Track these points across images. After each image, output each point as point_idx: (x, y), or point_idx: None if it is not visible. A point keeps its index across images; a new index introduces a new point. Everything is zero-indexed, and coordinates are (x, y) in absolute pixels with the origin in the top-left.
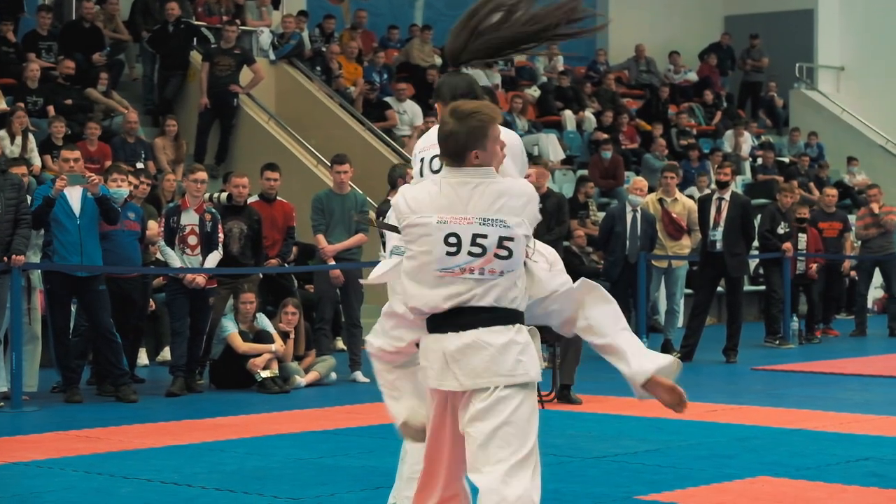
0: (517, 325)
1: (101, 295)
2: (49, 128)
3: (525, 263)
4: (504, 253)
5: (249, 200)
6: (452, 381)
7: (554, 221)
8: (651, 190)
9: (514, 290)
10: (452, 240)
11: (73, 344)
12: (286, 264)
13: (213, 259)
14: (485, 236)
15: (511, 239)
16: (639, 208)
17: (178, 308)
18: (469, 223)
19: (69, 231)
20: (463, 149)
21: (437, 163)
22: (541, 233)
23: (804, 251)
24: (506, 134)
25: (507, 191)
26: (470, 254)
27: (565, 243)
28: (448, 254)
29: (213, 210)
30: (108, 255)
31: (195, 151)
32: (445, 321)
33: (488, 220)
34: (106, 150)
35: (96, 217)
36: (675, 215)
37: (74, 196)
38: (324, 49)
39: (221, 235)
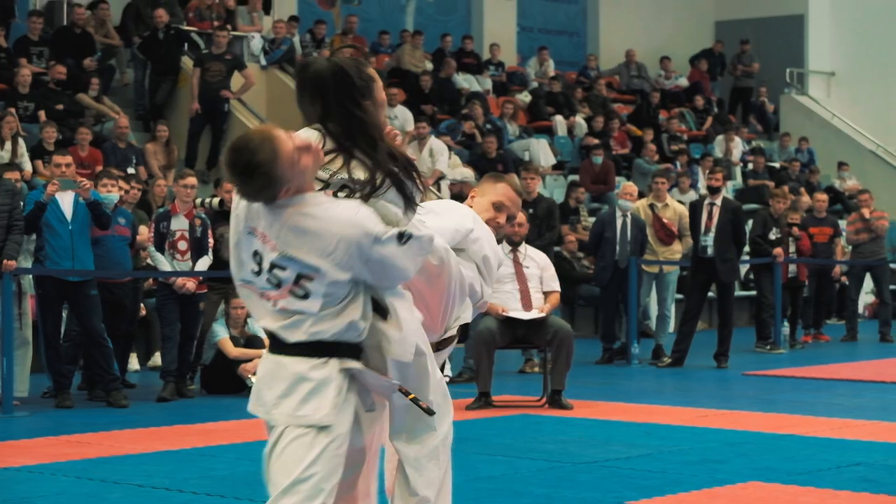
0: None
1: (92, 300)
2: (41, 133)
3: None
4: (300, 292)
5: None
6: None
7: (545, 227)
8: (641, 195)
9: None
10: (257, 258)
11: (65, 349)
12: None
13: (204, 264)
14: (283, 268)
15: (311, 279)
16: (629, 213)
17: (168, 313)
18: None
19: (61, 236)
20: (271, 198)
21: None
22: (531, 238)
23: (794, 256)
24: None
25: (315, 230)
26: (268, 281)
27: (556, 248)
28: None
29: (204, 216)
30: (98, 261)
31: (186, 157)
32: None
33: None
34: (97, 155)
35: (88, 222)
36: (665, 220)
37: (66, 201)
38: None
39: (211, 241)
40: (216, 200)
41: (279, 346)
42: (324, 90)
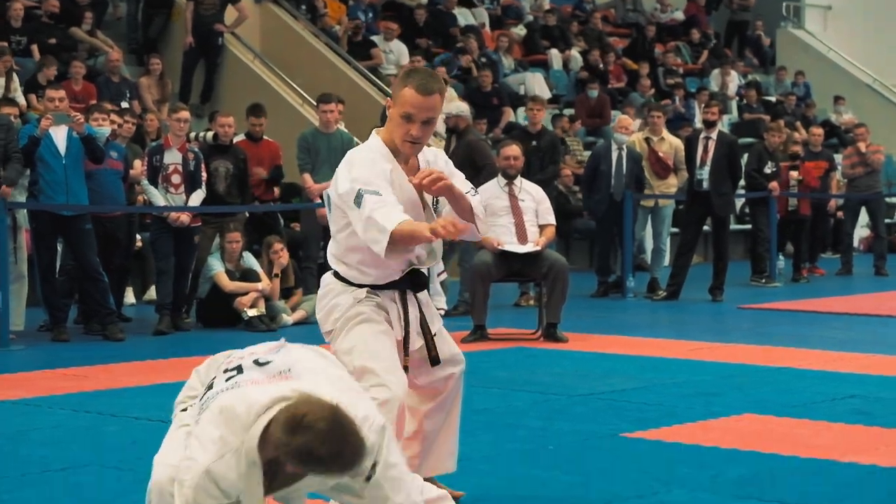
0: None
1: (86, 234)
2: (40, 69)
3: None
4: None
5: (235, 139)
6: None
7: (547, 160)
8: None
9: None
10: None
11: (60, 283)
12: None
13: (198, 198)
14: None
15: None
16: (624, 147)
17: (162, 247)
18: None
19: (54, 170)
20: None
21: None
22: (534, 171)
23: (796, 189)
24: None
25: None
26: None
27: None
28: None
29: (197, 149)
30: (91, 195)
31: (180, 91)
32: None
33: None
34: (91, 89)
35: (81, 156)
36: (661, 154)
37: (59, 135)
38: None
39: (205, 175)
40: (210, 134)
41: None
42: None
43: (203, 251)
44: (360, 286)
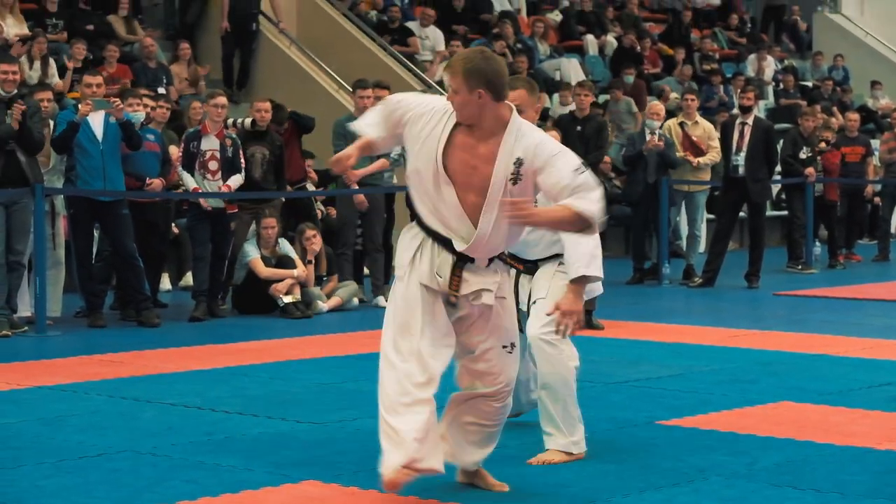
0: None
1: (124, 219)
2: (70, 50)
3: None
4: None
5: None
6: None
7: (592, 145)
8: (671, 115)
9: None
10: None
11: (97, 269)
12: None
13: (236, 181)
14: None
15: None
16: (657, 132)
17: (199, 233)
18: None
19: (92, 156)
20: None
21: None
22: (579, 156)
23: (821, 175)
24: None
25: None
26: None
27: None
28: None
29: (234, 136)
30: (127, 177)
31: (223, 77)
32: None
33: None
34: (124, 70)
35: (118, 142)
36: (695, 138)
37: (96, 121)
38: None
39: (243, 161)
40: (248, 121)
41: None
42: None
43: (239, 238)
44: None
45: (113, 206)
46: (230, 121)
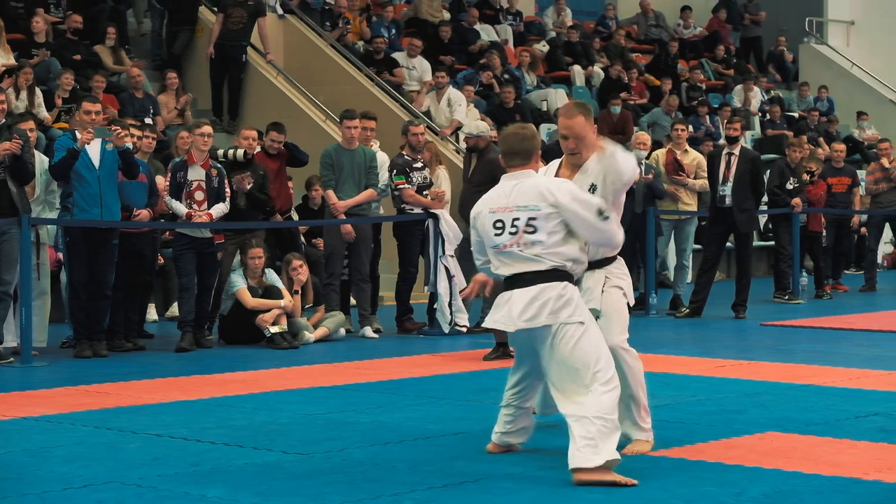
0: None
1: (112, 249)
2: (58, 80)
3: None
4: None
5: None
6: None
7: None
8: (659, 145)
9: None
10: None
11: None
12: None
13: (219, 210)
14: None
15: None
16: (643, 162)
17: (185, 264)
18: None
19: (89, 183)
20: None
21: None
22: None
23: (806, 205)
24: None
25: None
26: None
27: None
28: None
29: (220, 165)
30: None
31: (212, 107)
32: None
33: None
34: (111, 100)
35: (115, 169)
36: (686, 164)
37: (93, 149)
38: (331, 2)
39: (228, 190)
40: (240, 152)
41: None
42: None
43: (225, 267)
44: None
45: (107, 234)
46: (220, 152)
